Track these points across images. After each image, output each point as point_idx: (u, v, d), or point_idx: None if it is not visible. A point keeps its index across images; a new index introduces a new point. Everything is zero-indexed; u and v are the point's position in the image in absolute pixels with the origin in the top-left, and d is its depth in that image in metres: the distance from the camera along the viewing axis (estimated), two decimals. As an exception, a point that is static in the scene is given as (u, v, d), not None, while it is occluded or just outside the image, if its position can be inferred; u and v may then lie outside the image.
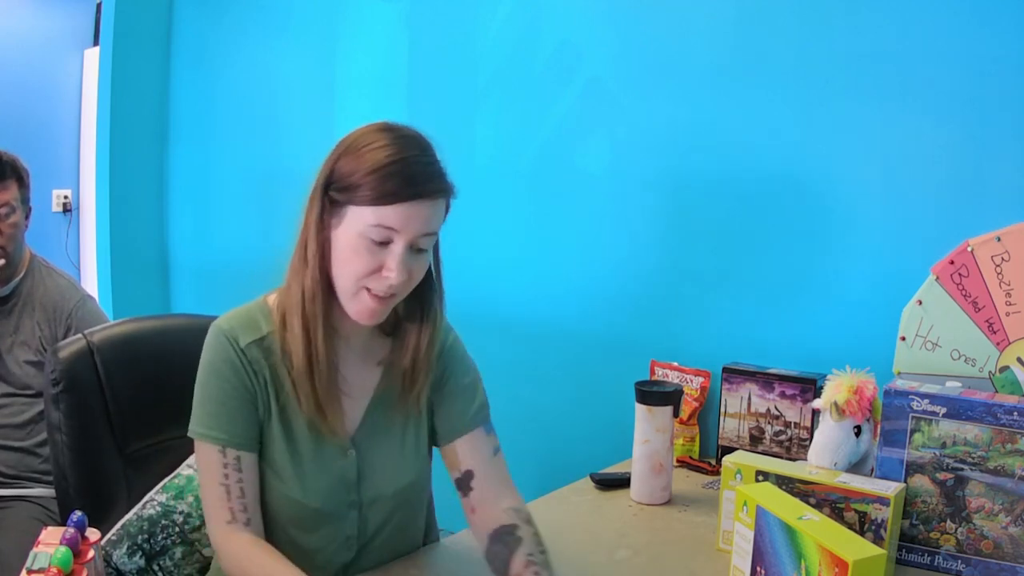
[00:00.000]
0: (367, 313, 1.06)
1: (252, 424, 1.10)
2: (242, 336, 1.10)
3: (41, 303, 1.88)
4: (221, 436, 1.07)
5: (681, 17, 1.79)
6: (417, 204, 1.02)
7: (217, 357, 1.09)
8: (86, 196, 3.44)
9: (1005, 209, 1.38)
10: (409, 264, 1.04)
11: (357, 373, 1.16)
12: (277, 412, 1.11)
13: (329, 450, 1.13)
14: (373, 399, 1.17)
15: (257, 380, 1.10)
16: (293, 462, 1.11)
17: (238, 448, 1.08)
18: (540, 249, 2.04)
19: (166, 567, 1.28)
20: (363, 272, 1.04)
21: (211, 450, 1.08)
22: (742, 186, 1.72)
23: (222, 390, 1.08)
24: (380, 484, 1.16)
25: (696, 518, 1.40)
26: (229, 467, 1.07)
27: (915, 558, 1.18)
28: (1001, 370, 1.29)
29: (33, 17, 3.33)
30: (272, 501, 1.12)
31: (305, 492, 1.11)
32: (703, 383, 1.74)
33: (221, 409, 1.08)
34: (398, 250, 1.03)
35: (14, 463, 1.80)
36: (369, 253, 1.03)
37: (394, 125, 1.08)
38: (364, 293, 1.05)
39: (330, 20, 2.45)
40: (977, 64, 1.45)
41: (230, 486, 1.07)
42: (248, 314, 1.13)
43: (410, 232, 1.03)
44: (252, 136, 2.70)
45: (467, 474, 1.18)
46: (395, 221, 1.02)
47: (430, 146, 1.08)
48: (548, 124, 2.01)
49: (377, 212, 1.01)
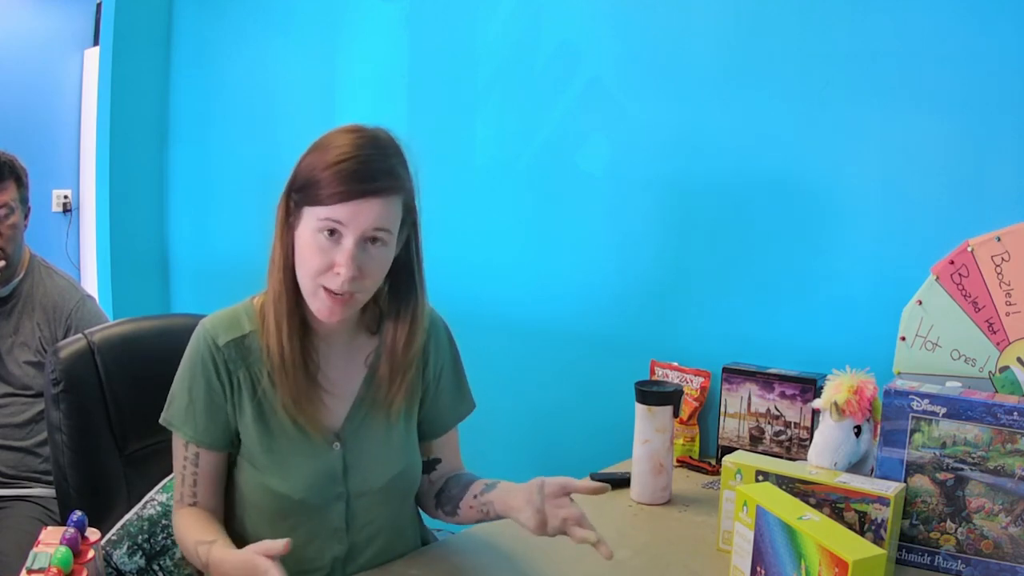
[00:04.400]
0: (326, 311, 1.09)
1: (216, 424, 1.15)
2: (222, 335, 1.15)
3: (41, 303, 1.88)
4: (186, 432, 1.15)
5: (681, 18, 1.79)
6: (366, 201, 1.05)
7: (194, 356, 1.15)
8: (86, 196, 3.44)
9: (1005, 209, 1.38)
10: (361, 261, 1.07)
11: (342, 371, 1.19)
12: (253, 408, 1.14)
13: (314, 444, 1.16)
14: (359, 396, 1.20)
15: (230, 380, 1.14)
16: (272, 455, 1.14)
17: (197, 445, 1.14)
18: (540, 249, 2.03)
19: (166, 567, 1.28)
20: (317, 270, 1.07)
21: (178, 439, 1.17)
22: (742, 186, 1.72)
23: (192, 388, 1.15)
24: (368, 476, 1.18)
25: (696, 518, 1.40)
26: (188, 460, 1.16)
27: (915, 558, 1.18)
28: (1001, 370, 1.29)
29: (33, 17, 3.33)
30: (254, 493, 1.16)
31: (287, 484, 1.14)
32: (703, 383, 1.74)
33: (189, 406, 1.15)
34: (347, 245, 1.06)
35: (14, 463, 1.80)
36: (321, 251, 1.07)
37: (361, 127, 1.11)
38: (321, 291, 1.08)
39: (330, 20, 2.45)
40: (977, 64, 1.45)
41: (185, 475, 1.16)
42: (233, 313, 1.18)
43: (358, 228, 1.05)
44: (252, 136, 2.70)
45: (435, 460, 1.28)
46: (342, 216, 1.05)
47: (391, 145, 1.11)
48: (548, 124, 2.01)
49: (327, 209, 1.05)
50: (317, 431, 1.15)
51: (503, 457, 2.04)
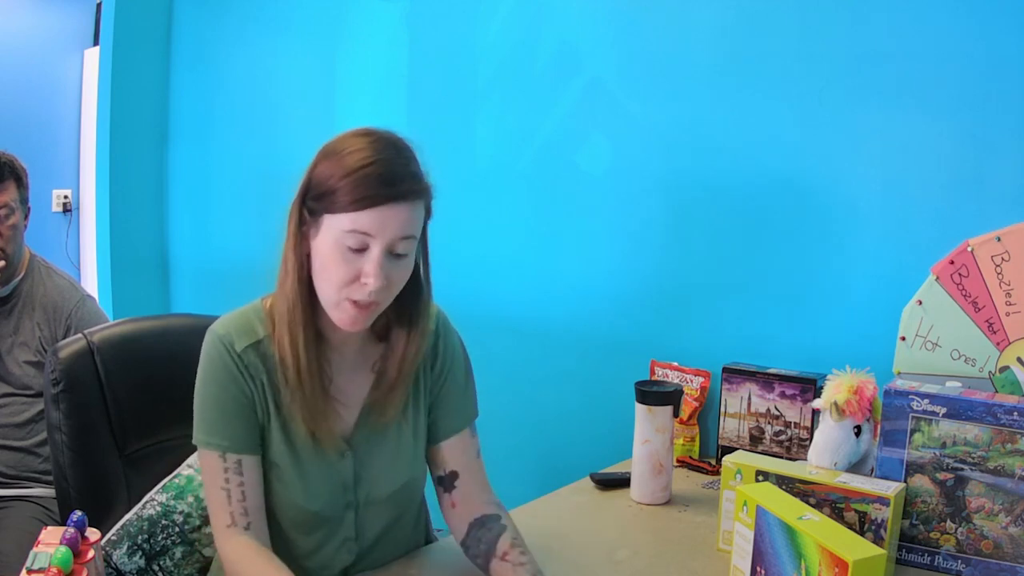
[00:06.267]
0: (349, 321, 1.05)
1: (252, 428, 1.10)
2: (238, 341, 1.09)
3: (41, 303, 1.88)
4: (222, 443, 1.08)
5: (681, 18, 1.79)
6: (392, 207, 1.00)
7: (214, 364, 1.09)
8: (86, 196, 3.44)
9: (1005, 209, 1.38)
10: (388, 270, 1.02)
11: (351, 380, 1.16)
12: (276, 415, 1.10)
13: (327, 454, 1.13)
14: (367, 403, 1.17)
15: (255, 384, 1.10)
16: (295, 465, 1.11)
17: (238, 452, 1.08)
18: (540, 249, 2.03)
19: (166, 567, 1.28)
20: (342, 281, 1.03)
21: (212, 456, 1.08)
22: (742, 186, 1.72)
23: (220, 397, 1.08)
24: (376, 486, 1.16)
25: (696, 518, 1.40)
26: (230, 471, 1.07)
27: (915, 558, 1.18)
28: (1001, 370, 1.29)
29: (33, 17, 3.33)
30: (274, 504, 1.12)
31: (306, 495, 1.12)
32: (703, 383, 1.74)
33: (220, 416, 1.08)
34: (375, 256, 1.01)
35: (14, 463, 1.80)
36: (346, 261, 1.02)
37: (373, 130, 1.06)
38: (346, 303, 1.04)
39: (330, 20, 2.45)
40: (977, 64, 1.45)
41: (231, 490, 1.07)
42: (244, 318, 1.13)
43: (386, 236, 1.01)
44: (252, 136, 2.70)
45: (452, 474, 1.20)
46: (370, 226, 1.00)
47: (408, 148, 1.07)
48: (548, 124, 2.01)
49: (352, 218, 1.00)
50: (330, 441, 1.12)
51: (503, 457, 2.03)
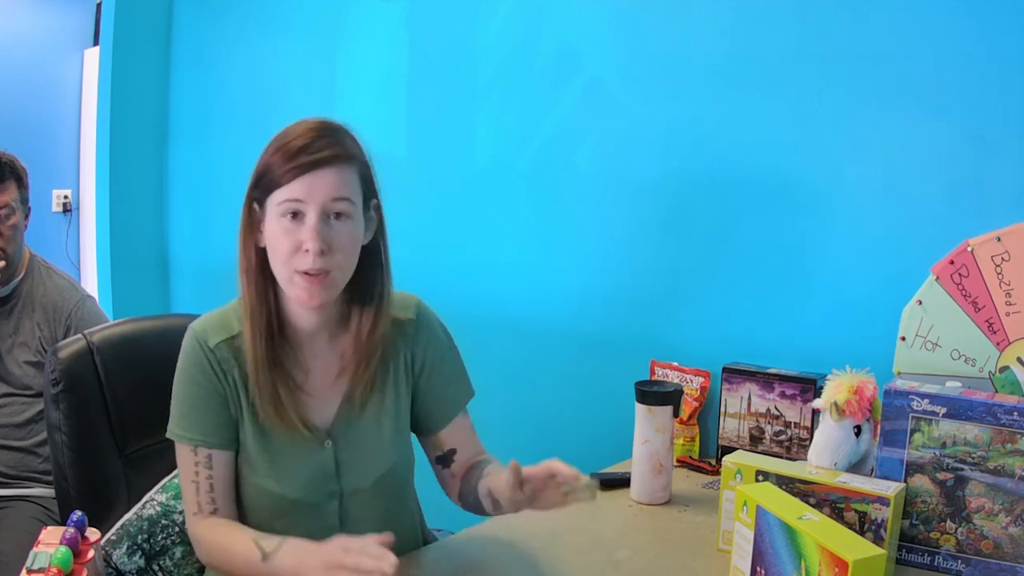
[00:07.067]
0: (306, 296, 1.09)
1: (223, 422, 1.14)
2: (212, 336, 1.14)
3: (41, 303, 1.88)
4: (194, 436, 1.13)
5: (681, 17, 1.79)
6: (320, 172, 1.07)
7: (188, 360, 1.14)
8: (86, 196, 3.44)
9: (1005, 209, 1.38)
10: (327, 234, 1.07)
11: (324, 371, 1.19)
12: (248, 408, 1.14)
13: (306, 443, 1.16)
14: (346, 393, 1.19)
15: (226, 379, 1.14)
16: (267, 455, 1.14)
17: (209, 447, 1.13)
18: (540, 249, 2.03)
19: (166, 567, 1.28)
20: (287, 253, 1.08)
21: (185, 449, 1.13)
22: (742, 186, 1.72)
23: (192, 392, 1.13)
24: (360, 473, 1.18)
25: (696, 518, 1.40)
26: (200, 465, 1.12)
27: (915, 558, 1.18)
28: (1001, 370, 1.29)
29: (33, 17, 3.33)
30: (251, 494, 1.15)
31: (281, 484, 1.14)
32: (703, 383, 1.74)
33: (192, 411, 1.13)
34: (311, 221, 1.07)
35: (14, 463, 1.80)
36: (287, 233, 1.07)
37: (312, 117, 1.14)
38: (297, 276, 1.08)
39: (330, 20, 2.45)
40: (977, 64, 1.45)
41: (199, 483, 1.13)
42: (222, 314, 1.18)
43: (318, 199, 1.07)
44: (252, 136, 2.67)
45: (450, 452, 1.26)
46: (301, 191, 1.07)
47: (340, 127, 1.14)
48: (548, 124, 2.00)
49: (285, 190, 1.07)
50: (307, 430, 1.15)
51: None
